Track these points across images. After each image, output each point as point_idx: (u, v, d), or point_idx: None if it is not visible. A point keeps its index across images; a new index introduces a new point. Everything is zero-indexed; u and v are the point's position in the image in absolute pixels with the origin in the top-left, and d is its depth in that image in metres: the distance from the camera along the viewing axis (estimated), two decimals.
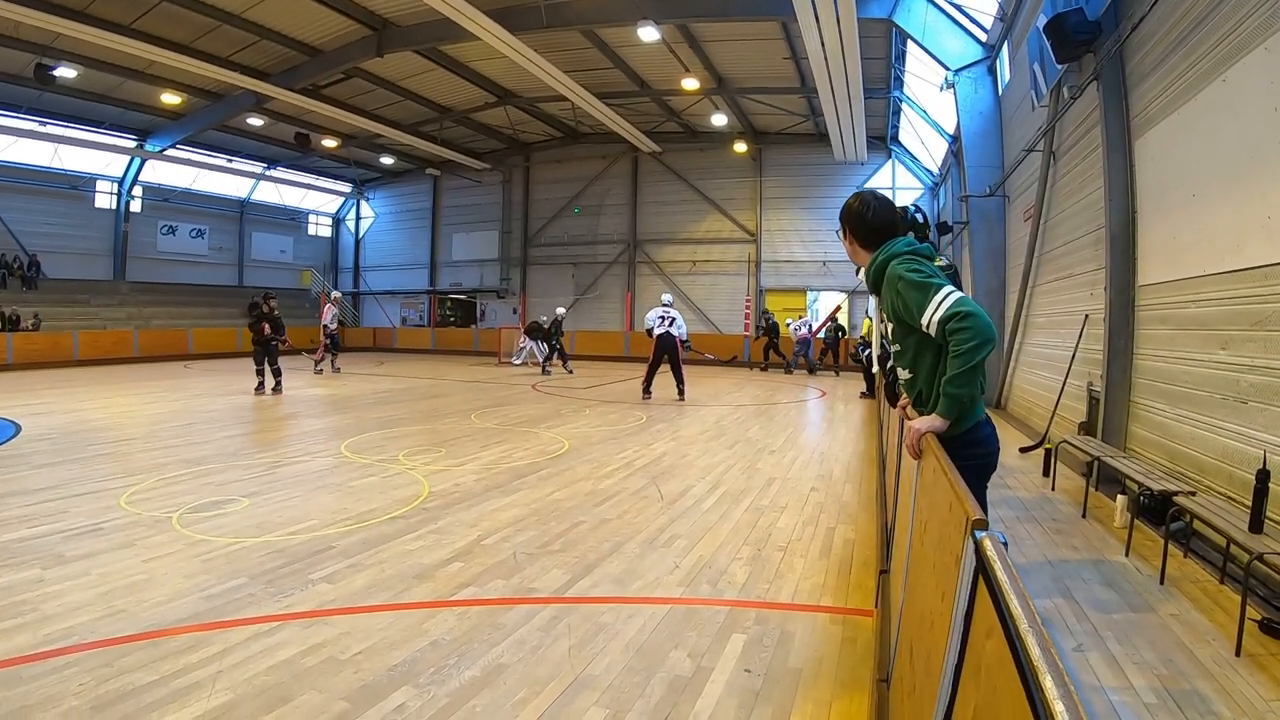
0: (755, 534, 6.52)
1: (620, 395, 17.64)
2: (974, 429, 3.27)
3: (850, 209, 3.67)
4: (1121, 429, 8.48)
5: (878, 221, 3.58)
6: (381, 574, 5.33)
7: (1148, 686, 3.86)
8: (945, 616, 1.79)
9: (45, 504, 7.11)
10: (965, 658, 1.56)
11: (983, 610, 1.45)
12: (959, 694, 1.57)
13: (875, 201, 3.63)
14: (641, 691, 3.72)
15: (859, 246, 3.66)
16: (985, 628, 1.39)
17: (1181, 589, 5.26)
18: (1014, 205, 15.53)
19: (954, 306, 3.04)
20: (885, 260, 3.45)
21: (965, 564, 1.65)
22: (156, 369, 24.34)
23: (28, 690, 3.59)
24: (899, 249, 3.43)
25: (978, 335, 2.98)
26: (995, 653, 1.28)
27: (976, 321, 2.99)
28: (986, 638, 1.36)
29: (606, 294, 34.18)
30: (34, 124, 27.84)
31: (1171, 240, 7.64)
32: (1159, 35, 7.91)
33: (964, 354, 3.00)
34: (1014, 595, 1.26)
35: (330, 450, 10.11)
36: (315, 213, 42.25)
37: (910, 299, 3.21)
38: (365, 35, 22.38)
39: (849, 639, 4.36)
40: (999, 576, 1.35)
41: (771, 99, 26.30)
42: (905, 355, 3.49)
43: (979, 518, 1.64)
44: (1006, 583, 1.31)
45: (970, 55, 16.50)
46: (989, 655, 1.34)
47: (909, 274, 3.25)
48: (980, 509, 1.71)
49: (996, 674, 1.27)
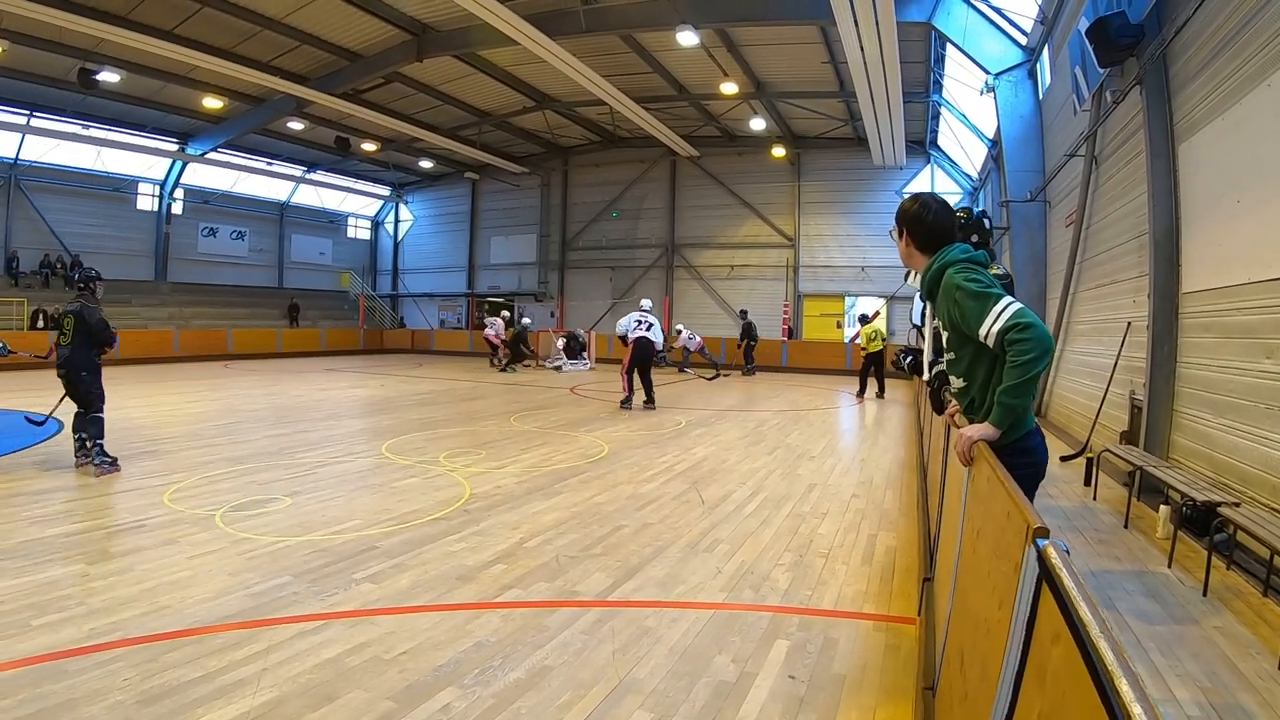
0: (797, 540, 6.52)
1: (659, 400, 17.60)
2: (1024, 438, 3.23)
3: (908, 211, 3.60)
4: (1164, 438, 8.37)
5: (937, 224, 3.52)
6: (425, 575, 5.38)
7: (1191, 700, 3.82)
8: (1003, 624, 1.80)
9: (89, 500, 7.28)
10: (1027, 664, 1.57)
11: (1047, 617, 1.46)
12: (1020, 700, 1.59)
13: (935, 204, 3.58)
14: (686, 696, 3.74)
15: (915, 249, 3.59)
16: (1050, 634, 1.40)
17: (1225, 601, 5.20)
18: (1055, 211, 15.39)
19: (1014, 317, 3.02)
20: (941, 267, 3.41)
21: (1026, 572, 1.66)
22: (197, 368, 24.65)
23: (73, 684, 3.65)
24: (955, 256, 3.40)
25: (1037, 347, 2.96)
26: (1063, 659, 1.30)
27: (1036, 333, 2.97)
28: (1052, 644, 1.38)
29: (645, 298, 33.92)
30: (77, 127, 28.35)
31: (1216, 247, 7.54)
32: (1203, 39, 7.82)
33: (1022, 365, 2.98)
34: (1083, 602, 1.27)
35: (371, 451, 10.22)
36: (355, 215, 42.70)
37: (968, 308, 3.18)
38: (405, 40, 22.61)
39: (892, 646, 4.36)
40: (1066, 584, 1.37)
41: (810, 103, 26.24)
42: (960, 364, 3.47)
43: (1041, 525, 1.65)
44: (1074, 590, 1.33)
45: (1010, 59, 16.38)
46: (1056, 661, 1.35)
47: (967, 283, 3.21)
48: (1040, 517, 1.73)
49: (1065, 680, 1.28)
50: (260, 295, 36.63)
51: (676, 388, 20.96)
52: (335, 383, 20.67)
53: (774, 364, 28.75)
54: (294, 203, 39.12)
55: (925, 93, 23.49)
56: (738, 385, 22.34)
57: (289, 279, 38.83)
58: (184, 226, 34.45)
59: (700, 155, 31.74)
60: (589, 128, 32.42)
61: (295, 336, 33.94)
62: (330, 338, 35.35)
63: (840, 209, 30.65)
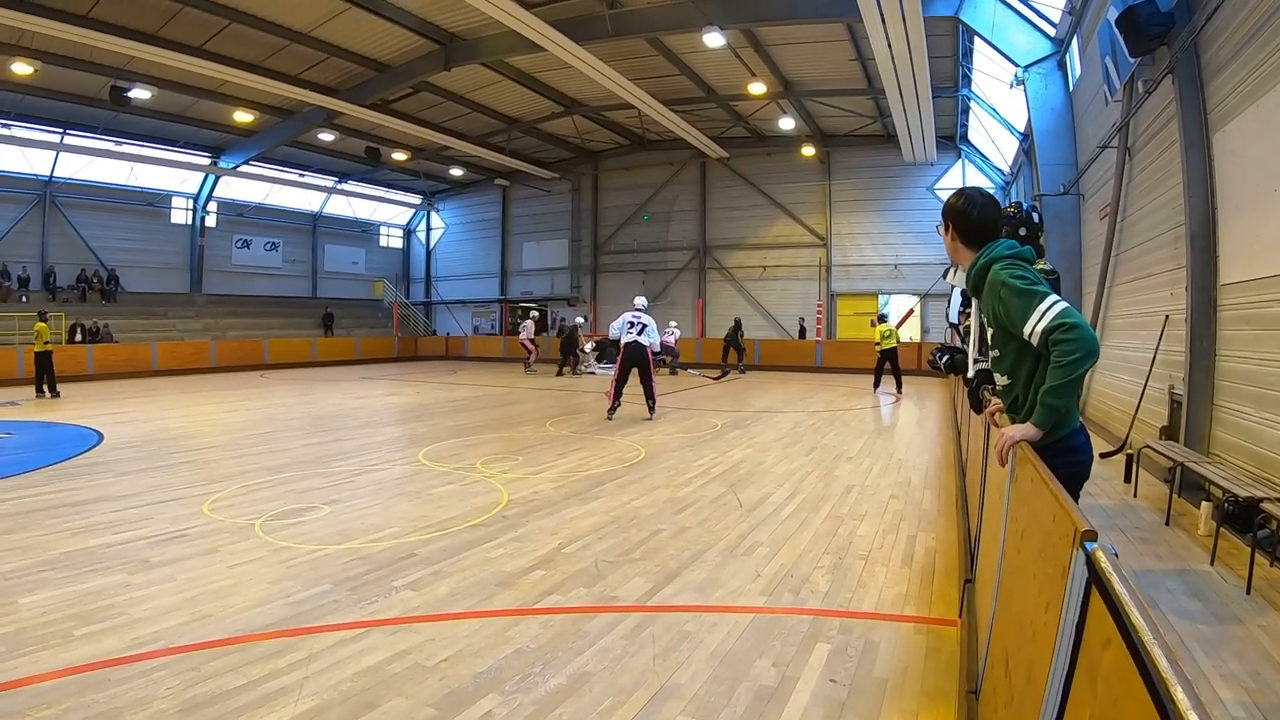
0: (836, 542, 6.49)
1: (693, 402, 17.63)
2: (1069, 436, 3.18)
3: (954, 206, 3.59)
4: (1205, 433, 8.25)
5: (982, 219, 3.49)
6: (464, 581, 5.40)
7: (1235, 700, 3.77)
8: (1050, 627, 1.79)
9: (130, 510, 7.36)
10: (1077, 668, 1.56)
11: (1097, 621, 1.46)
12: (1069, 704, 1.57)
13: (981, 198, 3.55)
14: (727, 701, 3.73)
15: (961, 244, 3.57)
16: (1101, 639, 1.39)
17: (1269, 598, 5.13)
18: (1088, 204, 15.24)
19: (1059, 317, 2.98)
20: (987, 263, 3.38)
21: (1075, 575, 1.65)
22: (233, 378, 24.97)
23: (117, 693, 3.71)
24: (1001, 252, 3.36)
25: (1082, 348, 2.92)
26: (1114, 663, 1.29)
27: (1081, 334, 2.94)
28: (1103, 649, 1.37)
29: (678, 300, 34.23)
30: (110, 144, 28.91)
31: (1254, 238, 7.42)
32: (1235, 25, 7.71)
33: (1066, 365, 2.94)
34: (1134, 607, 1.27)
35: (408, 458, 10.28)
36: (386, 224, 43.11)
37: (1013, 306, 3.15)
38: (432, 50, 22.82)
39: (933, 649, 4.33)
40: (1117, 588, 1.36)
41: (838, 101, 26.21)
42: (1004, 361, 3.44)
43: (1089, 529, 1.64)
44: (1125, 594, 1.32)
45: (1039, 50, 16.21)
46: (1107, 666, 1.34)
47: (1012, 280, 3.18)
48: (1087, 520, 1.71)
49: (1117, 684, 1.27)
50: (295, 305, 37.08)
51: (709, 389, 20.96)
52: (371, 390, 20.83)
53: (809, 364, 28.64)
54: (326, 213, 39.57)
55: (954, 87, 23.35)
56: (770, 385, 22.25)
57: (323, 289, 39.26)
58: (218, 239, 34.97)
59: (730, 156, 31.76)
60: (618, 131, 32.53)
61: (330, 345, 34.25)
62: (365, 346, 35.59)
63: (872, 206, 30.59)
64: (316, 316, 36.41)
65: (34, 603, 4.88)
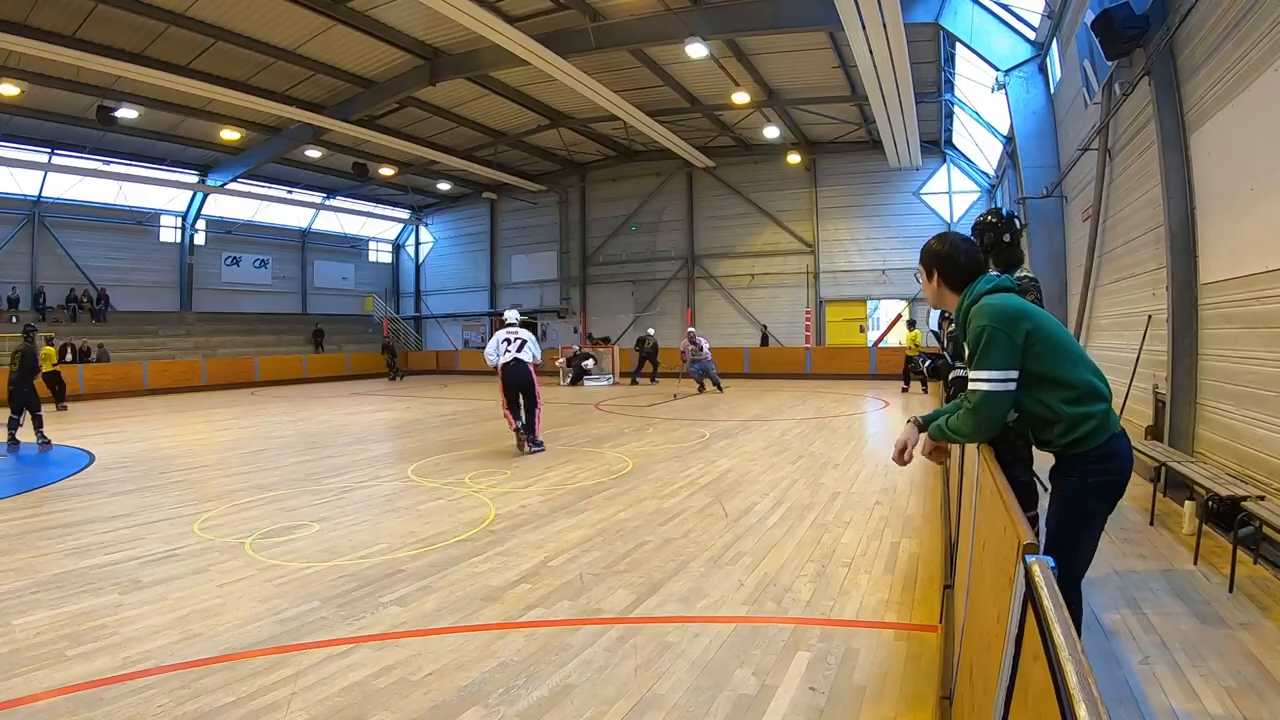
0: (819, 550, 6.51)
1: (682, 413, 17.64)
2: (1108, 442, 3.14)
3: (937, 253, 3.55)
4: (1188, 432, 8.29)
5: (970, 264, 3.47)
6: (451, 596, 5.42)
7: (1215, 700, 3.79)
8: (1000, 638, 1.82)
9: (122, 530, 7.39)
10: (1015, 682, 1.59)
11: (1031, 634, 1.49)
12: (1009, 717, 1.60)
13: (964, 243, 3.53)
14: (707, 710, 3.75)
15: (947, 289, 3.54)
16: (1033, 652, 1.42)
17: (1252, 597, 5.15)
18: (1072, 206, 15.30)
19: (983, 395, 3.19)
20: (972, 303, 3.37)
21: (1017, 587, 1.68)
22: (224, 396, 24.99)
23: (109, 711, 3.74)
24: (981, 288, 3.37)
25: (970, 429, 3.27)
26: (1041, 679, 1.32)
27: (979, 420, 3.22)
28: (1034, 662, 1.40)
29: (667, 310, 34.31)
30: (98, 163, 28.89)
31: (1232, 236, 7.47)
32: (1208, 26, 7.76)
33: (960, 429, 3.31)
34: (1057, 622, 1.29)
35: (397, 474, 10.29)
36: (375, 239, 43.12)
37: (975, 347, 3.22)
38: (417, 65, 22.84)
39: (913, 655, 4.35)
40: (1044, 603, 1.39)
41: (823, 109, 26.29)
42: None
43: (1029, 542, 1.67)
44: (1051, 609, 1.35)
45: (1020, 55, 16.29)
46: (1036, 681, 1.37)
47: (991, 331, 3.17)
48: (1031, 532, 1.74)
49: (1042, 700, 1.30)
50: (285, 322, 37.06)
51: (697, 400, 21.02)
52: (361, 406, 20.85)
53: (798, 371, 28.67)
54: (315, 229, 39.59)
55: (937, 92, 23.43)
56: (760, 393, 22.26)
57: (313, 305, 39.26)
58: (207, 257, 34.96)
59: (716, 165, 31.76)
60: (604, 143, 32.58)
61: (321, 362, 34.30)
62: (355, 362, 35.61)
63: (859, 213, 30.63)
64: (307, 333, 36.41)
65: (27, 624, 4.92)
